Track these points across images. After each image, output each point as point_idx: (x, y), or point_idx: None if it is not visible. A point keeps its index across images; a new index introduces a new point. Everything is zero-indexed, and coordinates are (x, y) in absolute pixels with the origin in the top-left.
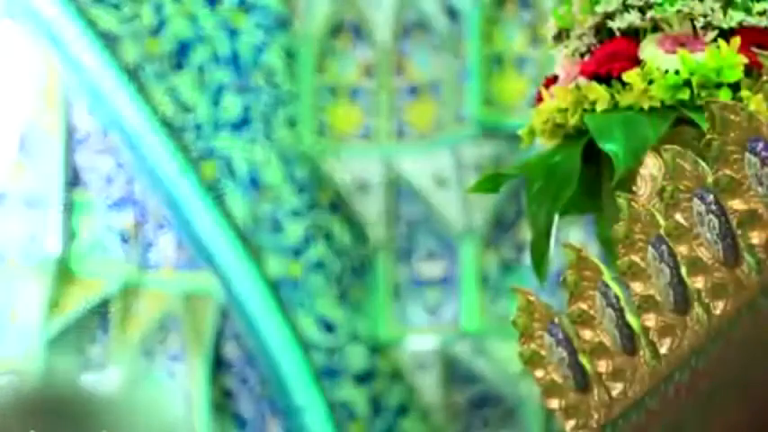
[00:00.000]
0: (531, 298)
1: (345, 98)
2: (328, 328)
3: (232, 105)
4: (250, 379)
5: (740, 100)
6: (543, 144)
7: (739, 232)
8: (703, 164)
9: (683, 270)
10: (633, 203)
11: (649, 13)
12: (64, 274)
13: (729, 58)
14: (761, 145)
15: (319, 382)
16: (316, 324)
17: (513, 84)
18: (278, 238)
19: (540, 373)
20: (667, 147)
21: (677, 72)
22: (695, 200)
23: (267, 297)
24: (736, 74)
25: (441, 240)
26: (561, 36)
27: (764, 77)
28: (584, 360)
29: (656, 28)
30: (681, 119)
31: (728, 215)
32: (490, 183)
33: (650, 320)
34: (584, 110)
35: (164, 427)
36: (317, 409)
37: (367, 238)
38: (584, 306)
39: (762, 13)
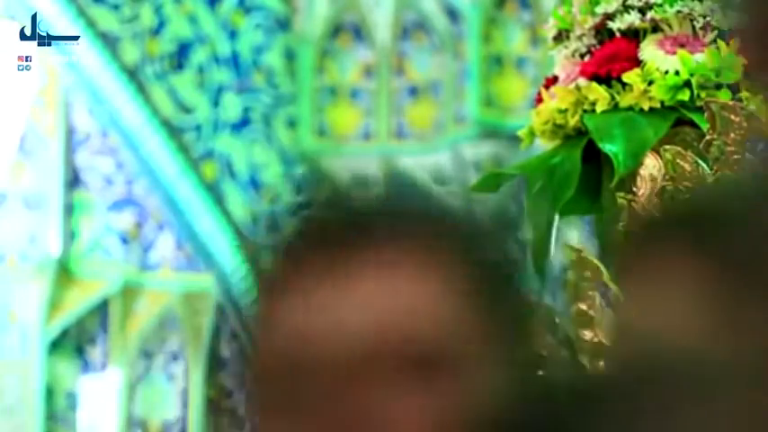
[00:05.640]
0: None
1: (345, 98)
2: None
3: (232, 106)
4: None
5: (740, 100)
6: (543, 144)
7: None
8: (703, 164)
9: None
10: (633, 204)
11: (649, 14)
12: (64, 274)
13: (729, 59)
14: (761, 145)
15: None
16: None
17: (513, 84)
18: (277, 239)
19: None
20: (667, 147)
21: (677, 73)
22: None
23: None
24: (736, 74)
25: None
26: (561, 37)
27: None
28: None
29: (655, 29)
30: (681, 119)
31: None
32: (490, 183)
33: None
34: (584, 110)
35: None
36: None
37: None
38: (583, 306)
39: None
